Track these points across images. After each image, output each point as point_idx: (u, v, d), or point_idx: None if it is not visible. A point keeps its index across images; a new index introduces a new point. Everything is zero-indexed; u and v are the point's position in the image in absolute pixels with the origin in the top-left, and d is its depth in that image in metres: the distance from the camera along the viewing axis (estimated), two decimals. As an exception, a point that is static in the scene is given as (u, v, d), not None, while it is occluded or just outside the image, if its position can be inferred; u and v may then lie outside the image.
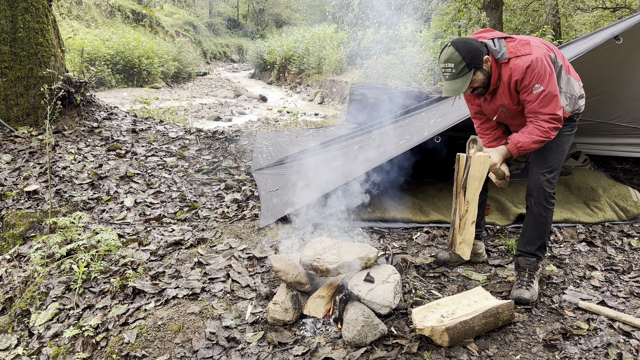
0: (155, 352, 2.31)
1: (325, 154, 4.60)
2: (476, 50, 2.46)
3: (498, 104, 2.67)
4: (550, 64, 2.47)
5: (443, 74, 2.52)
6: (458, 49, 2.44)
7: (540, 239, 2.76)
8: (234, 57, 35.04)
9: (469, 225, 2.57)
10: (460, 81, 2.49)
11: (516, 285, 2.72)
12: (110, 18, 21.65)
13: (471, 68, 2.45)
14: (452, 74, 2.47)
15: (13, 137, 5.00)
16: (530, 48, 2.46)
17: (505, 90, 2.58)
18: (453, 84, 2.50)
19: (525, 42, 2.48)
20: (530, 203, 2.74)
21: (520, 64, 2.44)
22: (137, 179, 4.48)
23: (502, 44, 2.53)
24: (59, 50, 5.50)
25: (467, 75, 2.47)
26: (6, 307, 3.09)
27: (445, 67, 2.48)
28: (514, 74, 2.47)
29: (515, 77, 2.48)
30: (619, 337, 2.35)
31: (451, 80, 2.50)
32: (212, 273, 2.94)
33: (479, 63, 2.47)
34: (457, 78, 2.48)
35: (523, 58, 2.44)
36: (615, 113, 4.88)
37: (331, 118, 10.70)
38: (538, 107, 2.48)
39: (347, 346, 2.26)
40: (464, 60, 2.43)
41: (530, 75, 2.43)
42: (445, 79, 2.53)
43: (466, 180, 2.56)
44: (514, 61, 2.47)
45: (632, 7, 12.91)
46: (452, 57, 2.44)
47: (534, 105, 2.49)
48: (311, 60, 19.43)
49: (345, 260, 2.46)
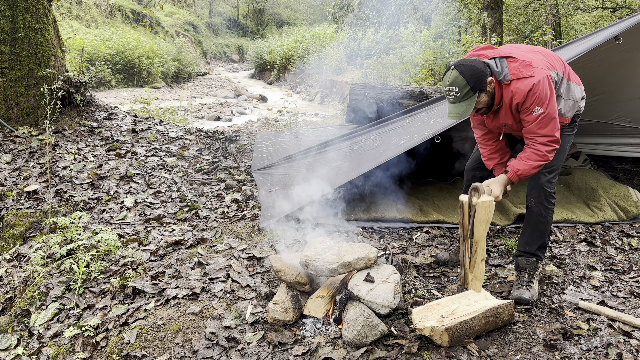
0: (155, 352, 2.31)
1: (325, 154, 4.59)
2: (480, 73, 2.43)
3: (501, 122, 2.66)
4: (551, 86, 2.45)
5: (447, 96, 2.50)
6: (462, 73, 2.41)
7: (541, 239, 2.76)
8: (234, 57, 35.03)
9: (479, 263, 2.57)
10: (465, 104, 2.46)
11: (516, 286, 2.72)
12: (110, 18, 21.65)
13: (475, 91, 2.43)
14: (457, 98, 2.44)
15: (13, 137, 5.00)
16: (532, 70, 2.43)
17: (507, 111, 2.57)
18: (458, 107, 2.48)
19: (527, 64, 2.45)
20: (531, 203, 2.74)
21: (522, 88, 2.42)
22: (137, 179, 4.48)
23: (504, 64, 2.51)
24: (59, 50, 5.50)
25: (472, 99, 2.45)
26: (6, 307, 3.09)
27: (450, 90, 2.45)
28: (515, 97, 2.46)
29: (516, 100, 2.46)
30: (619, 337, 2.35)
31: (456, 104, 2.47)
32: (212, 273, 2.94)
33: (483, 85, 2.45)
34: (462, 101, 2.45)
35: (525, 81, 2.42)
36: (615, 113, 4.88)
37: (331, 118, 10.70)
38: (536, 128, 2.47)
39: (347, 346, 2.26)
40: (468, 84, 2.40)
41: (531, 99, 2.41)
42: (450, 102, 2.50)
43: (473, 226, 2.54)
44: (515, 84, 2.45)
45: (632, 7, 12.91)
46: (456, 80, 2.41)
47: (532, 126, 2.49)
48: (311, 60, 19.42)
49: (345, 260, 2.47)
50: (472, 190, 2.59)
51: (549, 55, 2.64)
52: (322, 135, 5.79)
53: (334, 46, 18.68)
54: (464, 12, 10.44)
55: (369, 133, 4.62)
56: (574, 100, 2.66)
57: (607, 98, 4.67)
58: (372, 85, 5.63)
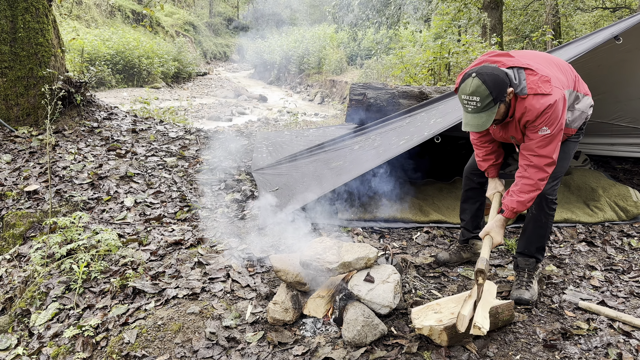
0: (155, 352, 2.31)
1: (325, 154, 4.59)
2: (502, 83, 2.30)
3: (509, 134, 2.59)
4: (564, 107, 2.37)
5: (465, 105, 2.35)
6: (485, 82, 2.26)
7: (540, 242, 2.76)
8: (234, 57, 35.03)
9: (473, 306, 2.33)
10: (485, 115, 2.32)
11: (516, 286, 2.72)
12: (110, 18, 21.65)
13: (497, 102, 2.30)
14: (476, 108, 2.30)
15: (13, 137, 5.00)
16: (551, 87, 2.31)
17: (517, 126, 2.49)
18: (477, 118, 2.33)
19: (546, 79, 2.33)
20: (531, 208, 2.71)
21: (537, 106, 2.31)
22: (137, 179, 4.48)
23: (522, 76, 2.39)
24: (59, 50, 5.50)
25: (493, 110, 2.31)
26: (6, 307, 3.09)
27: (470, 99, 2.30)
28: (527, 114, 2.36)
29: (527, 117, 2.37)
30: (619, 337, 2.35)
31: (475, 114, 2.33)
32: (212, 273, 2.94)
33: (504, 96, 2.32)
34: (482, 112, 2.31)
35: (541, 99, 2.31)
36: (615, 113, 4.88)
37: (331, 118, 10.70)
38: (535, 146, 2.39)
39: (347, 346, 2.26)
40: (491, 94, 2.26)
41: (542, 118, 2.33)
42: (467, 112, 2.35)
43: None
44: (531, 100, 2.33)
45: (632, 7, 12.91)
46: (478, 90, 2.26)
47: (532, 144, 2.41)
48: (311, 60, 19.43)
49: (345, 260, 2.47)
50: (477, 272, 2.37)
51: (562, 67, 2.56)
52: (322, 135, 5.79)
53: (334, 46, 18.68)
54: (464, 12, 10.44)
55: (369, 133, 4.62)
56: (582, 111, 2.62)
57: (607, 98, 4.67)
58: (372, 85, 5.63)
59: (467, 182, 3.05)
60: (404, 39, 14.88)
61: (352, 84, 5.75)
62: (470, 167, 3.03)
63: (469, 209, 3.09)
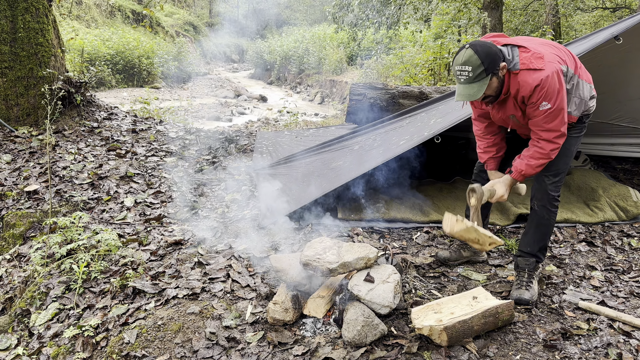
0: (155, 352, 2.31)
1: (325, 154, 4.59)
2: (495, 55, 2.37)
3: (508, 114, 2.61)
4: (560, 80, 2.39)
5: (458, 77, 2.42)
6: (477, 52, 2.34)
7: (542, 241, 2.75)
8: (234, 57, 35.04)
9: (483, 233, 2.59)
10: (476, 86, 2.39)
11: (516, 286, 2.72)
12: (110, 18, 21.65)
13: (488, 73, 2.36)
14: (468, 78, 2.37)
15: (13, 137, 5.00)
16: (543, 62, 2.36)
17: (515, 103, 2.52)
18: (468, 88, 2.40)
19: (538, 56, 2.39)
20: (534, 205, 2.73)
21: (530, 81, 2.36)
22: (137, 179, 4.48)
23: (515, 52, 2.45)
24: (59, 50, 5.51)
25: (484, 81, 2.37)
26: (6, 307, 3.09)
27: (462, 69, 2.37)
28: (522, 89, 2.41)
29: (522, 93, 2.42)
30: (619, 337, 2.35)
31: (466, 85, 2.40)
32: (212, 273, 2.94)
33: (496, 69, 2.37)
34: (473, 83, 2.38)
35: (533, 74, 2.36)
36: (615, 113, 4.88)
37: (331, 118, 10.70)
38: (542, 121, 2.44)
39: (347, 346, 2.26)
40: (482, 64, 2.33)
41: (539, 94, 2.36)
42: (460, 82, 2.42)
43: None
44: (523, 75, 2.39)
45: (632, 7, 12.92)
46: (470, 60, 2.34)
47: (538, 120, 2.45)
48: (311, 60, 19.43)
49: (345, 260, 2.47)
50: (469, 192, 2.59)
51: (561, 50, 2.59)
52: (322, 135, 5.79)
53: (334, 46, 18.68)
54: (464, 12, 10.44)
55: (369, 133, 4.62)
56: (581, 99, 2.60)
57: (607, 98, 4.66)
58: (372, 85, 5.63)
59: (476, 178, 3.05)
60: (404, 39, 14.87)
61: (352, 84, 5.75)
62: (480, 165, 3.04)
63: None
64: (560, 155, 2.60)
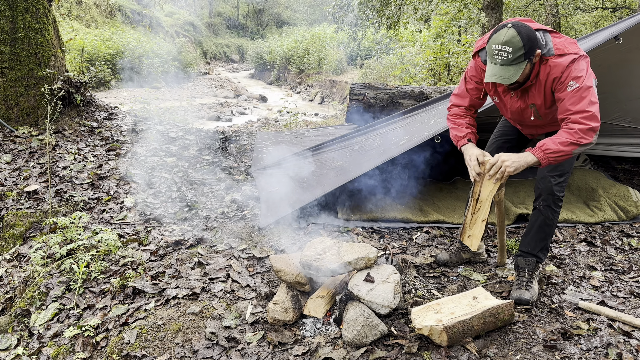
0: (155, 352, 2.31)
1: (325, 154, 4.59)
2: (535, 39, 2.26)
3: (529, 102, 2.52)
4: (589, 66, 2.34)
5: (494, 56, 2.28)
6: (520, 34, 2.21)
7: (544, 241, 2.75)
8: (234, 57, 35.04)
9: (479, 222, 2.62)
10: (512, 69, 2.27)
11: (516, 286, 2.72)
12: (110, 18, 21.64)
13: (526, 58, 2.26)
14: (506, 59, 2.25)
15: (13, 137, 5.00)
16: (578, 48, 2.32)
17: (540, 89, 2.44)
18: (505, 70, 2.28)
19: (573, 42, 2.34)
20: (539, 205, 2.70)
21: (562, 62, 2.30)
22: (137, 179, 4.48)
23: (548, 38, 2.37)
24: (59, 50, 5.50)
25: (521, 65, 2.27)
26: (6, 307, 3.09)
27: (501, 49, 2.24)
28: (553, 71, 2.33)
29: (553, 74, 2.34)
30: (619, 337, 2.35)
31: (503, 66, 2.28)
32: (212, 273, 2.94)
33: (533, 54, 2.28)
34: (510, 65, 2.27)
35: (566, 56, 2.30)
36: (615, 113, 4.88)
37: (331, 118, 10.70)
38: (569, 104, 2.30)
39: (347, 346, 2.26)
40: (523, 47, 2.22)
41: (567, 72, 2.30)
42: (495, 62, 2.30)
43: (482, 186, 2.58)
44: (554, 59, 2.32)
45: (632, 7, 12.91)
46: (512, 40, 2.22)
47: (564, 103, 2.33)
48: (311, 60, 19.43)
49: (345, 260, 2.47)
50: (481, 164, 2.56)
51: None
52: (322, 135, 5.79)
53: (334, 46, 18.69)
54: (464, 12, 10.44)
55: (369, 133, 4.62)
56: None
57: (607, 98, 4.66)
58: (372, 85, 5.63)
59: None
60: (404, 39, 14.88)
61: (352, 84, 5.75)
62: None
63: None
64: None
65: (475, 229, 2.63)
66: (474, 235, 2.64)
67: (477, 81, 2.72)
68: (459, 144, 2.73)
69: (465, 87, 2.79)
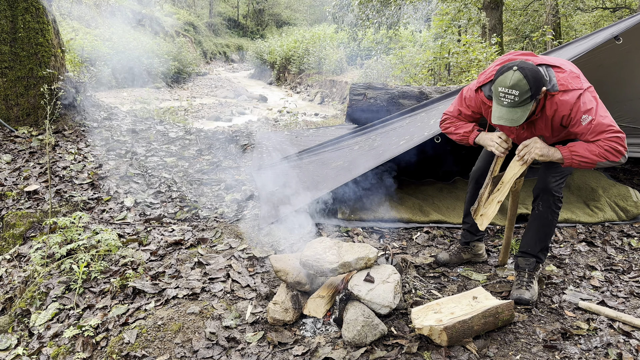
0: (155, 352, 2.31)
1: (325, 154, 4.59)
2: (541, 79, 2.30)
3: (537, 134, 2.54)
4: (596, 95, 2.36)
5: (500, 99, 2.32)
6: (527, 77, 2.24)
7: (543, 242, 2.75)
8: (234, 57, 35.03)
9: (494, 203, 2.58)
10: (520, 111, 2.30)
11: (516, 286, 2.72)
12: (110, 18, 21.64)
13: (533, 98, 2.29)
14: (513, 102, 2.28)
15: (13, 137, 5.00)
16: (581, 83, 2.34)
17: (547, 123, 2.47)
18: (512, 112, 2.31)
19: (575, 76, 2.36)
20: (538, 206, 2.70)
21: (568, 99, 2.32)
22: (137, 179, 4.48)
23: (551, 73, 2.39)
24: (59, 50, 5.50)
25: (528, 106, 2.30)
26: (6, 307, 3.09)
27: (508, 93, 2.27)
28: (561, 109, 2.36)
29: (562, 112, 2.36)
30: (619, 337, 2.35)
31: (510, 108, 2.31)
32: (212, 273, 2.94)
33: (539, 93, 2.31)
34: (517, 107, 2.30)
35: (571, 93, 2.32)
36: (615, 113, 4.85)
37: (331, 118, 10.70)
38: (590, 135, 2.32)
39: (347, 346, 2.26)
40: (530, 90, 2.25)
41: (577, 108, 2.31)
42: (502, 105, 2.33)
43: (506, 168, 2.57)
44: (560, 96, 2.34)
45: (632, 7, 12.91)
46: (519, 84, 2.24)
47: (585, 136, 2.35)
48: (311, 60, 19.42)
49: (345, 260, 2.47)
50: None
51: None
52: (322, 135, 5.79)
53: (334, 46, 18.68)
54: (464, 12, 10.44)
55: (369, 133, 4.62)
56: None
57: (607, 98, 4.64)
58: (372, 85, 5.63)
59: (476, 186, 3.00)
60: (404, 39, 14.87)
61: (352, 84, 5.75)
62: (479, 171, 2.98)
63: None
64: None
65: (489, 208, 2.58)
66: (485, 215, 2.59)
67: (474, 111, 2.73)
68: (471, 138, 2.74)
69: (458, 109, 2.78)
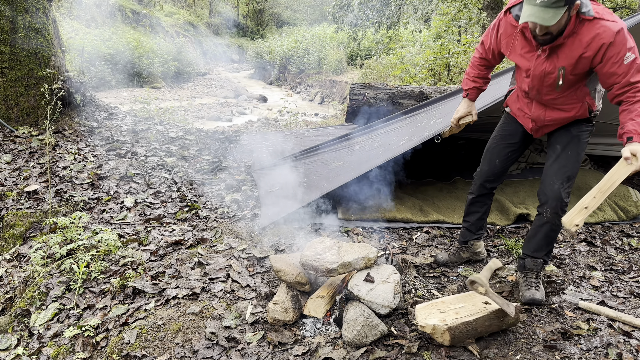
0: (155, 352, 2.31)
1: (325, 154, 4.59)
2: None
3: (559, 65, 2.39)
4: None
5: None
6: None
7: (549, 246, 2.75)
8: (234, 57, 35.03)
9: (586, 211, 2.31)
10: (551, 11, 2.16)
11: (526, 287, 2.71)
12: (110, 18, 21.64)
13: (566, 4, 2.16)
14: (546, 1, 2.15)
15: (13, 137, 5.00)
16: (615, 17, 2.26)
17: (571, 51, 2.33)
18: (544, 11, 2.17)
19: (609, 11, 2.28)
20: (546, 212, 2.65)
21: (611, 27, 2.21)
22: (137, 179, 4.48)
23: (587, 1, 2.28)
24: (59, 50, 5.50)
25: (560, 10, 2.16)
26: (6, 307, 3.09)
27: None
28: (603, 35, 2.22)
29: (603, 40, 2.23)
30: (619, 337, 2.35)
31: (542, 7, 2.17)
32: (212, 273, 2.94)
33: (573, 3, 2.18)
34: (550, 7, 2.16)
35: (611, 23, 2.22)
36: (615, 113, 4.83)
37: (331, 118, 10.70)
38: (631, 77, 2.23)
39: (347, 346, 2.26)
40: None
41: (620, 43, 2.21)
42: (534, 4, 2.19)
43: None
44: (600, 22, 2.22)
45: (632, 7, 12.91)
46: None
47: (628, 77, 2.24)
48: (311, 60, 19.42)
49: (345, 260, 2.47)
50: (471, 284, 2.39)
51: None
52: (322, 135, 5.79)
53: (334, 46, 18.68)
54: (464, 12, 10.44)
55: (369, 133, 4.62)
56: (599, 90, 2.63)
57: (606, 98, 4.67)
58: (372, 85, 5.63)
59: (480, 189, 2.99)
60: (404, 39, 14.87)
61: (352, 84, 5.75)
62: (484, 175, 2.95)
63: (477, 212, 3.06)
64: (573, 160, 2.58)
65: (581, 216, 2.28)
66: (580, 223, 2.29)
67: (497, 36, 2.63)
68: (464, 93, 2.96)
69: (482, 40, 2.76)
